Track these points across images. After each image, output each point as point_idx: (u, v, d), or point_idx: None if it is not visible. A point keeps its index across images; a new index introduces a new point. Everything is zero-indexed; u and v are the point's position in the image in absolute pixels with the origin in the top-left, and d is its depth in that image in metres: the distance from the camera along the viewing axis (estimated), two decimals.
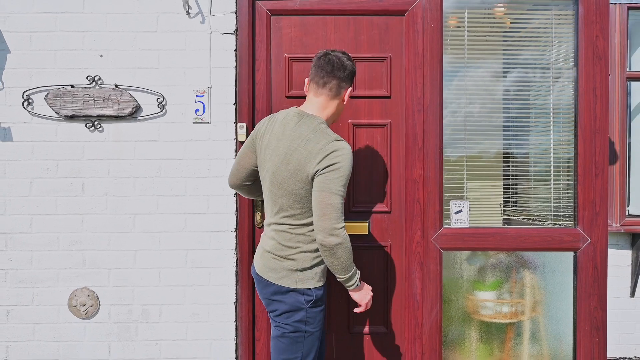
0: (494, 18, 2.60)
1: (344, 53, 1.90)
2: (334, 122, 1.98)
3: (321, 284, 1.87)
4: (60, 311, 2.40)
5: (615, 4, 3.33)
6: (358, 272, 1.84)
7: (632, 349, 3.44)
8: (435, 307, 2.44)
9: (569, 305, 2.50)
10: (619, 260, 3.42)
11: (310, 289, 1.83)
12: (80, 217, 2.39)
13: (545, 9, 2.53)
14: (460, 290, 2.58)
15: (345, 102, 1.93)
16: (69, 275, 2.39)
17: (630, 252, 3.41)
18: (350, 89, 1.92)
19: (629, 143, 3.53)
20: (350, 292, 1.86)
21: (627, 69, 3.41)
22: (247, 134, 2.40)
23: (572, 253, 2.47)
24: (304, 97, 2.38)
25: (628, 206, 3.50)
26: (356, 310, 1.88)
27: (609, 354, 3.44)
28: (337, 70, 1.84)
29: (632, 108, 3.56)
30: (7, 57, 2.38)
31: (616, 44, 3.34)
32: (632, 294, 3.42)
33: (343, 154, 1.73)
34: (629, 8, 3.35)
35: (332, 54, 1.87)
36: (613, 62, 3.34)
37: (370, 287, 1.89)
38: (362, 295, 1.85)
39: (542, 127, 2.57)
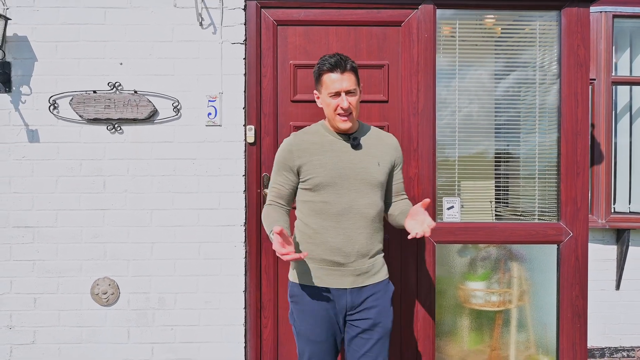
0: (485, 27, 2.83)
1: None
2: (333, 125, 2.00)
3: (296, 281, 1.98)
4: (83, 299, 2.62)
5: (600, 12, 3.55)
6: (272, 229, 1.81)
7: (617, 339, 3.66)
8: (429, 295, 2.66)
9: (553, 294, 2.72)
10: (604, 255, 3.64)
11: (290, 281, 2.02)
12: (102, 213, 2.62)
13: (531, 20, 2.76)
14: (453, 280, 2.81)
15: (322, 104, 1.99)
16: (91, 265, 2.62)
17: (615, 247, 3.64)
18: (315, 91, 2.01)
19: (615, 144, 3.75)
20: None
21: (613, 74, 3.63)
22: (255, 136, 2.63)
23: (555, 246, 2.70)
24: (308, 101, 2.61)
25: (614, 204, 3.73)
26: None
27: (595, 344, 3.66)
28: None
29: (617, 111, 3.78)
30: (34, 64, 2.61)
31: (602, 50, 3.56)
32: (617, 286, 3.64)
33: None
34: (614, 16, 3.57)
35: None
36: (599, 67, 3.57)
37: (277, 239, 1.74)
38: (274, 245, 1.80)
39: (529, 129, 2.80)
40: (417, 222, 1.80)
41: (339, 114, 1.92)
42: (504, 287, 2.81)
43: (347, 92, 1.91)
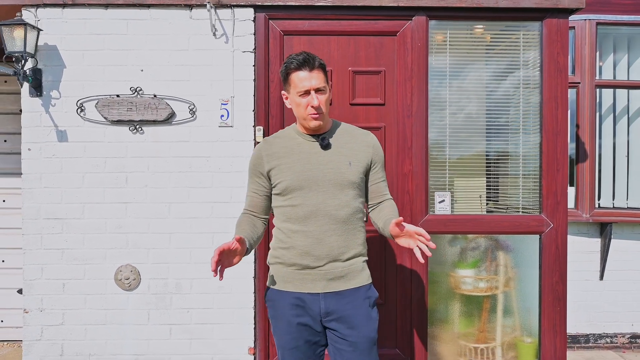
0: (475, 36, 3.11)
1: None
2: (304, 125, 1.95)
3: (270, 286, 1.96)
4: (107, 284, 2.91)
5: (585, 20, 3.85)
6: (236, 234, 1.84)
7: (600, 326, 3.95)
8: (421, 281, 2.95)
9: (535, 280, 3.00)
10: (589, 247, 3.93)
11: (267, 285, 2.00)
12: (124, 206, 2.91)
13: (516, 30, 3.04)
14: (444, 268, 3.09)
15: (291, 104, 1.94)
16: (115, 254, 2.91)
17: (599, 240, 3.92)
18: (284, 92, 1.97)
19: (600, 144, 4.04)
20: None
21: (597, 77, 3.92)
22: (264, 136, 2.91)
23: (537, 236, 2.98)
24: None
25: (599, 200, 4.02)
26: None
27: (580, 331, 3.95)
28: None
29: (602, 112, 4.07)
30: (63, 71, 2.90)
31: (586, 55, 3.85)
32: (601, 277, 3.93)
33: None
34: (598, 23, 3.87)
35: None
36: (583, 71, 3.86)
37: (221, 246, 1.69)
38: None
39: (515, 130, 3.08)
40: (407, 237, 1.78)
41: (310, 113, 1.86)
42: (491, 274, 3.09)
43: (317, 90, 1.85)
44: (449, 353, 3.05)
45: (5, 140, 3.91)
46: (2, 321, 3.89)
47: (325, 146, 1.93)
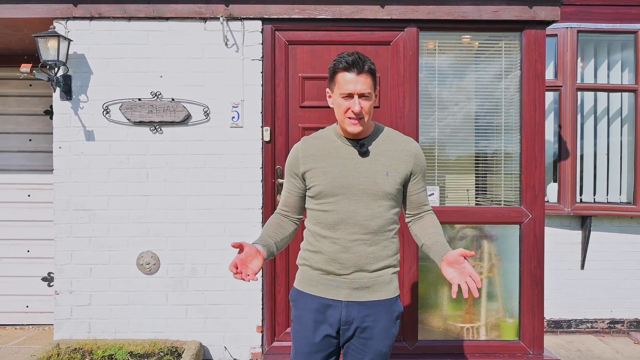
0: (462, 44, 3.47)
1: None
2: (341, 123, 1.87)
3: (296, 286, 1.94)
4: (130, 268, 3.27)
5: (567, 28, 4.20)
6: (261, 240, 1.86)
7: (581, 312, 4.30)
8: (412, 266, 3.30)
9: (516, 266, 3.36)
10: (571, 239, 4.28)
11: (293, 286, 1.97)
12: (145, 198, 3.27)
13: (498, 39, 3.40)
14: None
15: (333, 104, 1.87)
16: (137, 241, 3.27)
17: (580, 232, 4.28)
18: (328, 90, 1.89)
19: (582, 144, 4.39)
20: None
21: (578, 81, 4.27)
22: (271, 135, 3.27)
23: (518, 226, 3.34)
24: (315, 107, 3.27)
25: (581, 195, 4.37)
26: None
27: (563, 317, 4.29)
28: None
29: (584, 113, 4.42)
30: (90, 77, 3.26)
31: (568, 60, 4.20)
32: (582, 266, 4.28)
33: None
34: (579, 31, 4.22)
35: None
36: (565, 76, 4.21)
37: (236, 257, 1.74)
38: None
39: (499, 130, 3.43)
40: (456, 272, 1.68)
41: (349, 117, 1.79)
42: (476, 261, 3.45)
43: (361, 95, 1.76)
44: (438, 332, 3.41)
45: (30, 140, 4.28)
46: (27, 306, 4.25)
47: (364, 153, 1.84)
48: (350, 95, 1.77)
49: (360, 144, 1.84)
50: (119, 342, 3.12)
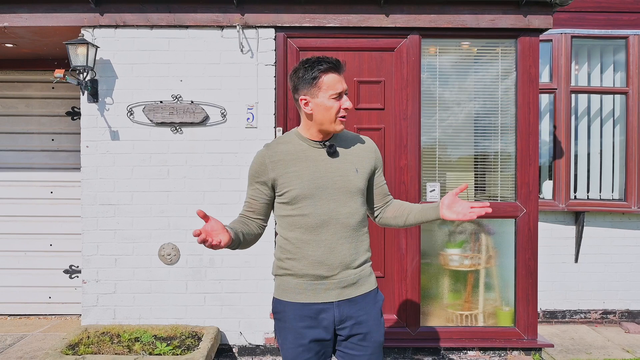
0: (462, 49, 3.74)
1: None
2: (323, 130, 1.88)
3: (279, 298, 1.90)
4: (152, 259, 3.55)
5: (561, 33, 4.47)
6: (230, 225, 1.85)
7: (575, 303, 4.56)
8: (415, 257, 3.57)
9: (512, 258, 3.63)
10: (565, 233, 4.55)
11: (273, 297, 1.95)
12: (166, 194, 3.55)
13: (495, 46, 3.67)
14: (435, 247, 3.72)
15: (313, 109, 1.85)
16: (158, 234, 3.54)
17: (574, 227, 4.54)
18: (304, 97, 1.86)
19: (576, 143, 4.66)
20: None
21: (572, 84, 4.54)
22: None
23: (513, 220, 3.60)
24: None
25: (575, 192, 4.63)
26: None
27: (558, 308, 4.56)
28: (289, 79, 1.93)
29: (578, 114, 4.69)
30: (115, 81, 3.54)
31: (562, 64, 4.47)
32: (576, 260, 4.54)
33: None
34: (573, 37, 4.49)
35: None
36: (560, 79, 4.48)
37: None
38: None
39: (496, 130, 3.70)
40: (459, 207, 1.90)
41: (341, 117, 1.85)
42: (475, 253, 3.72)
43: (345, 93, 1.86)
44: (438, 319, 3.68)
45: (52, 139, 4.55)
46: (50, 297, 4.53)
47: (333, 153, 1.89)
48: (340, 95, 1.84)
49: (329, 144, 1.89)
50: (142, 327, 3.40)
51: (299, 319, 1.84)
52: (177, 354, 3.05)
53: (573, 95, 4.57)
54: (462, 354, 3.59)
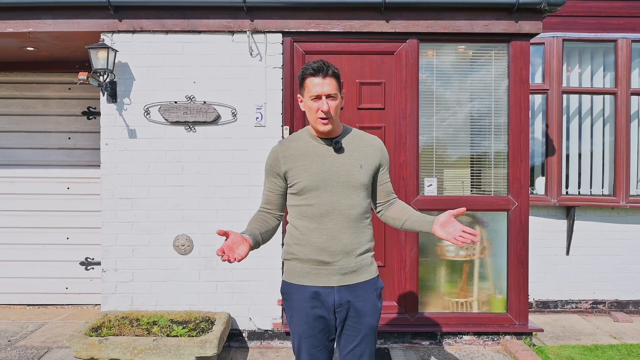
0: (458, 52, 4.01)
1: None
2: (314, 129, 2.11)
3: (287, 280, 2.14)
4: (167, 249, 3.82)
5: (553, 37, 4.74)
6: (248, 230, 2.07)
7: (567, 293, 4.83)
8: (413, 248, 3.85)
9: (504, 248, 3.90)
10: (557, 227, 4.82)
11: (282, 279, 2.19)
12: (180, 188, 3.82)
13: (489, 49, 3.94)
14: (432, 239, 3.99)
15: (304, 107, 2.10)
16: (173, 226, 3.82)
17: (565, 221, 4.81)
18: (299, 95, 2.13)
19: (568, 142, 4.92)
20: None
21: (564, 85, 4.81)
22: (290, 133, 3.81)
23: (505, 212, 3.87)
24: None
25: (567, 188, 4.90)
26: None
27: (550, 298, 4.82)
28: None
29: (570, 114, 4.96)
30: (133, 83, 3.81)
31: (554, 66, 4.74)
32: (567, 252, 4.81)
33: None
34: (564, 40, 4.76)
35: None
36: (552, 80, 4.75)
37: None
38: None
39: (489, 128, 3.97)
40: (451, 229, 1.98)
41: (319, 117, 2.02)
42: (470, 244, 3.98)
43: (328, 96, 2.00)
44: (435, 306, 3.95)
45: (69, 138, 4.82)
46: (67, 288, 4.80)
47: (338, 150, 2.08)
48: (318, 97, 2.01)
49: (335, 141, 2.09)
50: (159, 312, 3.67)
51: (304, 300, 2.07)
52: (193, 336, 3.32)
53: (565, 96, 4.84)
54: (457, 338, 3.87)
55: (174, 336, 3.31)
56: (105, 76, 3.67)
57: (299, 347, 2.12)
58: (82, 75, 3.58)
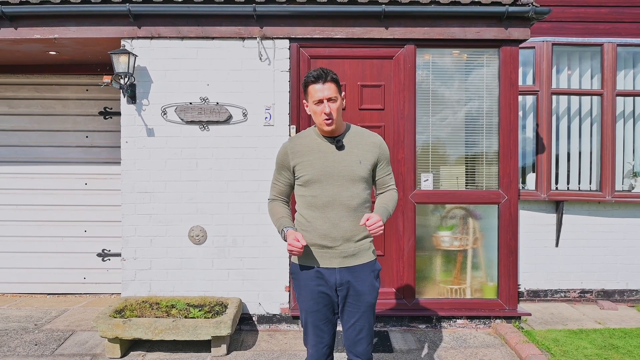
0: (453, 56, 4.36)
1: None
2: (320, 129, 2.39)
3: (295, 262, 2.44)
4: (182, 240, 4.16)
5: (543, 41, 5.09)
6: (283, 228, 2.37)
7: (556, 283, 5.18)
8: (411, 238, 4.19)
9: (495, 239, 4.24)
10: (546, 221, 5.16)
11: (291, 261, 2.49)
12: (195, 183, 4.16)
13: (481, 54, 4.29)
14: (428, 230, 4.34)
15: (310, 111, 2.37)
16: (188, 218, 4.16)
17: (554, 215, 5.16)
18: (304, 101, 2.40)
19: (558, 141, 5.27)
20: None
21: (553, 86, 5.16)
22: (296, 132, 4.16)
23: (496, 205, 4.22)
24: None
25: (557, 184, 5.25)
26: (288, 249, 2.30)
27: (540, 287, 5.17)
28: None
29: (559, 114, 5.30)
30: (151, 85, 4.16)
31: (544, 69, 5.09)
32: (557, 244, 5.15)
33: None
34: (554, 44, 5.11)
35: None
36: (542, 82, 5.09)
37: (292, 235, 2.27)
38: (288, 241, 2.30)
39: (481, 127, 4.32)
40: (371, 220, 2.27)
41: (323, 119, 2.29)
42: (463, 235, 4.33)
43: (329, 99, 2.28)
44: (431, 292, 4.30)
45: (86, 136, 5.16)
46: (84, 278, 5.14)
47: (340, 147, 2.35)
48: (320, 101, 2.28)
49: (337, 140, 2.37)
50: (176, 297, 4.02)
51: (309, 279, 2.37)
52: (208, 317, 3.66)
53: (554, 97, 5.19)
54: (452, 321, 4.22)
55: (191, 318, 3.66)
56: (126, 79, 4.01)
57: (305, 321, 2.42)
58: (107, 79, 3.92)
